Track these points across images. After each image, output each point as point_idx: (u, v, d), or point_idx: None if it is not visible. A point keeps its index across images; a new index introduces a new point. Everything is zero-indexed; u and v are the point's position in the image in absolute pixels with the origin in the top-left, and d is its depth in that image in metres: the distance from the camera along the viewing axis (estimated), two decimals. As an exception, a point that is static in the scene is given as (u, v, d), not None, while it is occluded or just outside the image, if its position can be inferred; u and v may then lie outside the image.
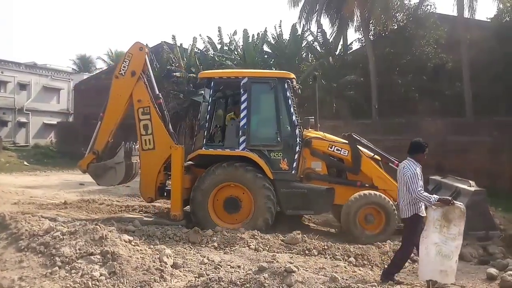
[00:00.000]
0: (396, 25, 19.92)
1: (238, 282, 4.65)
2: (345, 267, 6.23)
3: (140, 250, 5.56)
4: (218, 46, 23.41)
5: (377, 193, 8.08)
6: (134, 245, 5.64)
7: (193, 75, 21.24)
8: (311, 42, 22.90)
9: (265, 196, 8.00)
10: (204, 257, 6.20)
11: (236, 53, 23.36)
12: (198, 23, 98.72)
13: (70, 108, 36.59)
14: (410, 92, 19.00)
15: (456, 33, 18.13)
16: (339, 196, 8.34)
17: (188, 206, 8.40)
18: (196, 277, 5.29)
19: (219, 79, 8.79)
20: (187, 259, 6.04)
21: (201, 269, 5.68)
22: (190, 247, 6.83)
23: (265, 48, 22.87)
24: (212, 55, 22.93)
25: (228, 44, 23.56)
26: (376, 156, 8.70)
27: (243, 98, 8.30)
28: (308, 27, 22.63)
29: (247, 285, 4.60)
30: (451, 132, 15.74)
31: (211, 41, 23.42)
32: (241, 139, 8.26)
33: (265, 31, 22.53)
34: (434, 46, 19.30)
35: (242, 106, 8.32)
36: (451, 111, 17.73)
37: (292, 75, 8.69)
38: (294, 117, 8.37)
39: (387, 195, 8.11)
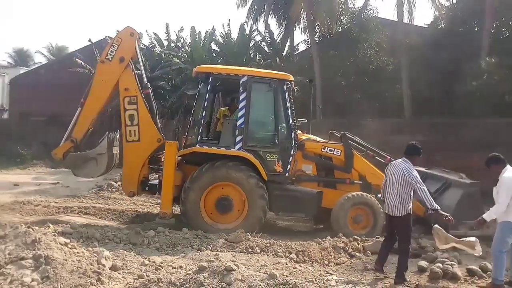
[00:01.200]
0: (340, 28, 20.52)
1: (178, 283, 4.63)
2: (286, 264, 6.35)
3: (77, 252, 5.36)
4: (165, 43, 22.95)
5: (364, 194, 8.31)
6: (70, 248, 5.43)
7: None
8: (259, 42, 23.06)
9: (259, 197, 7.95)
10: (145, 258, 6.08)
11: (183, 50, 23.02)
12: (144, 19, 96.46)
13: (4, 104, 34.35)
14: (353, 93, 19.63)
15: (396, 37, 18.99)
16: (327, 198, 8.42)
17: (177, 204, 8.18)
18: (136, 278, 5.19)
19: (218, 75, 8.54)
20: (127, 261, 5.87)
21: (141, 270, 5.56)
22: (131, 249, 6.65)
23: (213, 46, 22.71)
24: (158, 52, 22.44)
25: (175, 41, 23.15)
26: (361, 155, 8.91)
27: (241, 97, 8.15)
28: (256, 27, 22.86)
29: (187, 285, 4.60)
30: (391, 132, 16.41)
31: (157, 37, 22.89)
32: (238, 139, 8.11)
33: (213, 29, 22.35)
34: (376, 49, 20.07)
35: (240, 105, 8.17)
36: (391, 111, 18.54)
37: (291, 77, 8.64)
38: (291, 120, 8.32)
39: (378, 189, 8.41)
